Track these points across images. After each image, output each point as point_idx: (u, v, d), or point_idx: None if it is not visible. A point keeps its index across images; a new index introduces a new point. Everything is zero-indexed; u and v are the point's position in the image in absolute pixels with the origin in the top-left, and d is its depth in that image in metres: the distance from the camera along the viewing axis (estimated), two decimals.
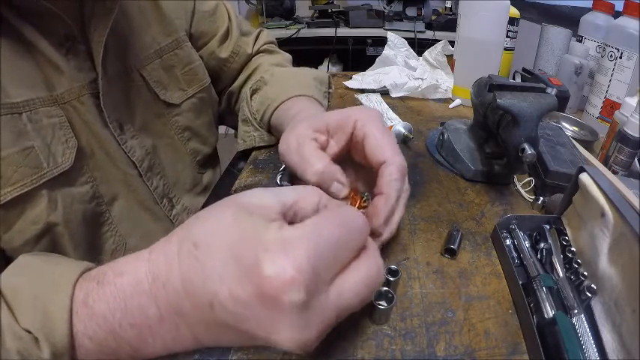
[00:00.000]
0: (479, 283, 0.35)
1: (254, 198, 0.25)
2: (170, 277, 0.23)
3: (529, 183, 0.48)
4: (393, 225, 0.33)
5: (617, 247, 0.29)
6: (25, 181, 0.33)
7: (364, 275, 0.24)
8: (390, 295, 0.30)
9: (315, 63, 2.01)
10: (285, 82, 0.54)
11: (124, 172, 0.43)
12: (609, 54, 0.65)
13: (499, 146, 0.46)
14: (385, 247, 0.38)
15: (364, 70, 0.85)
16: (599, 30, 0.76)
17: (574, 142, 0.54)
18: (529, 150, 0.39)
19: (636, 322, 0.25)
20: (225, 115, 0.66)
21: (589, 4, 0.79)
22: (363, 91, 0.78)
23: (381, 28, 1.90)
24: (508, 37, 0.79)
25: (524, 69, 0.83)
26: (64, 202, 0.36)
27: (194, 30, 0.56)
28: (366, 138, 0.33)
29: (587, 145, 0.58)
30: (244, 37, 0.63)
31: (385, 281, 0.32)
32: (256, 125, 0.54)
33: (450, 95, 0.77)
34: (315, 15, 2.03)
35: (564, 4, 1.24)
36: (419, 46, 1.32)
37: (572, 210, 0.36)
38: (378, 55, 0.85)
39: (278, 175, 0.46)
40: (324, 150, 0.35)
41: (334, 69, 2.00)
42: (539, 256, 0.35)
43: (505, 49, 0.76)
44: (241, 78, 0.63)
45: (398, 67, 0.82)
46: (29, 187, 0.34)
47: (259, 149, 0.55)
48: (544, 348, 0.27)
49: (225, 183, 0.57)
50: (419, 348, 0.29)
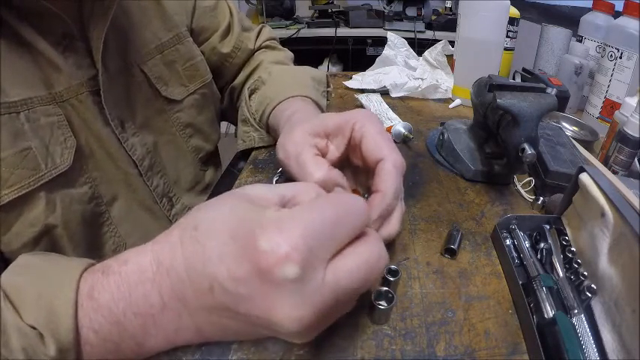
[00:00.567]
0: (479, 283, 0.35)
1: (253, 190, 0.26)
2: (174, 264, 0.24)
3: (529, 183, 0.48)
4: (395, 223, 0.33)
5: (617, 247, 0.29)
6: (23, 183, 0.33)
7: (364, 259, 0.24)
8: (390, 295, 0.30)
9: (315, 63, 2.01)
10: (283, 82, 0.54)
11: (124, 172, 0.43)
12: (609, 54, 0.65)
13: (499, 146, 0.46)
14: (385, 247, 0.38)
15: (364, 70, 0.85)
16: (599, 30, 0.76)
17: (574, 142, 0.54)
18: (529, 150, 0.39)
19: (636, 322, 0.25)
20: (228, 111, 0.66)
21: (589, 4, 0.79)
22: (363, 91, 0.78)
23: (381, 28, 1.90)
24: (508, 37, 0.79)
25: (524, 69, 0.83)
26: (62, 204, 0.36)
27: (195, 25, 0.56)
28: (364, 138, 0.34)
29: (587, 145, 0.58)
30: (246, 33, 0.63)
31: (385, 281, 0.32)
32: (256, 125, 0.54)
33: (450, 95, 0.77)
34: (315, 15, 2.03)
35: (564, 4, 1.24)
36: (419, 46, 1.32)
37: (572, 210, 0.36)
38: (378, 55, 0.85)
39: (274, 177, 0.46)
40: (324, 155, 0.35)
41: (334, 69, 2.00)
42: (539, 256, 0.35)
43: (505, 49, 0.76)
44: (243, 74, 0.63)
45: (398, 67, 0.82)
46: (27, 190, 0.33)
47: (259, 149, 0.55)
48: (544, 348, 0.27)
49: (225, 183, 0.57)
50: (419, 348, 0.29)
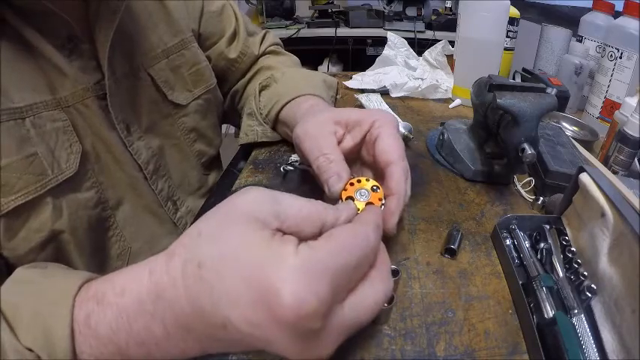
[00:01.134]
0: (479, 283, 0.35)
1: (253, 205, 0.23)
2: (176, 299, 0.22)
3: (529, 183, 0.48)
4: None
5: (617, 247, 0.29)
6: (30, 189, 0.33)
7: (380, 290, 0.24)
8: (390, 295, 0.30)
9: (315, 63, 2.01)
10: (296, 81, 0.54)
11: (129, 175, 0.43)
12: (609, 54, 0.65)
13: (499, 146, 0.46)
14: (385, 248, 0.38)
15: (364, 70, 0.85)
16: (599, 30, 0.76)
17: (574, 142, 0.54)
18: (529, 150, 0.39)
19: (636, 322, 0.25)
20: (229, 114, 0.67)
21: (589, 4, 0.79)
22: (363, 91, 0.78)
23: (381, 28, 1.90)
24: (508, 37, 0.79)
25: (524, 69, 0.83)
26: (69, 209, 0.36)
27: (202, 30, 0.56)
28: (379, 138, 0.35)
29: (587, 145, 0.58)
30: (251, 38, 0.63)
31: None
32: (261, 120, 0.54)
33: (450, 95, 0.77)
34: (315, 15, 2.02)
35: (564, 4, 1.24)
36: (419, 46, 1.32)
37: (572, 210, 0.36)
38: (378, 55, 0.85)
39: (282, 167, 0.47)
40: (339, 143, 0.36)
41: (334, 69, 2.00)
42: (539, 256, 0.35)
43: (505, 49, 0.76)
44: (246, 78, 0.63)
45: (398, 67, 0.82)
46: (34, 195, 0.33)
47: (260, 149, 0.55)
48: (544, 348, 0.27)
49: (225, 183, 0.57)
50: (419, 348, 0.29)
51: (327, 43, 1.89)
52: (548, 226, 0.37)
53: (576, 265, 0.32)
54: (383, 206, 0.32)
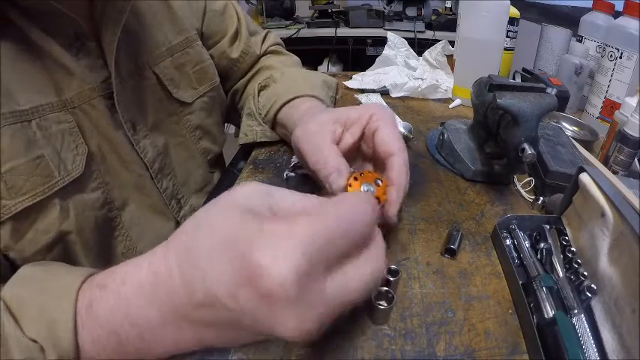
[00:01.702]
0: (479, 283, 0.35)
1: (244, 196, 0.25)
2: (171, 279, 0.23)
3: (529, 183, 0.48)
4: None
5: (617, 247, 0.29)
6: (37, 191, 0.33)
7: (370, 271, 0.24)
8: (390, 295, 0.30)
9: (315, 63, 2.01)
10: (295, 82, 0.54)
11: (135, 175, 0.43)
12: (609, 54, 0.65)
13: (499, 146, 0.46)
14: (385, 248, 0.38)
15: (364, 70, 0.85)
16: (599, 30, 0.76)
17: (574, 142, 0.54)
18: (529, 150, 0.39)
19: (636, 322, 0.25)
20: (229, 113, 0.67)
21: (589, 4, 0.79)
22: (363, 91, 0.78)
23: (381, 28, 1.90)
24: (508, 37, 0.79)
25: (524, 69, 0.83)
26: (76, 210, 0.36)
27: (205, 29, 0.57)
28: (378, 130, 0.35)
29: (587, 145, 0.58)
30: (253, 38, 0.63)
31: (385, 281, 0.32)
32: (260, 120, 0.55)
33: (450, 95, 0.77)
34: (315, 15, 2.02)
35: (564, 4, 1.24)
36: (419, 46, 1.32)
37: (572, 210, 0.36)
38: (378, 55, 0.85)
39: (286, 171, 0.47)
40: (338, 142, 0.37)
41: (334, 69, 2.00)
42: (539, 256, 0.35)
43: (505, 49, 0.76)
44: (246, 77, 0.63)
45: (398, 67, 0.82)
46: (41, 197, 0.33)
47: (260, 149, 0.55)
48: (544, 348, 0.27)
49: (225, 183, 0.57)
50: (419, 348, 0.29)
51: (327, 43, 1.89)
52: (548, 226, 0.37)
53: (576, 265, 0.32)
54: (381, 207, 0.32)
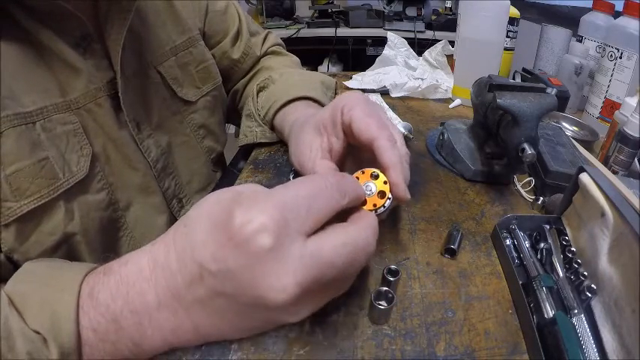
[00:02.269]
0: (479, 283, 0.35)
1: (242, 186, 0.26)
2: (167, 261, 0.25)
3: (529, 183, 0.48)
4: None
5: (617, 247, 0.29)
6: (42, 193, 0.33)
7: (351, 238, 0.25)
8: (390, 295, 0.30)
9: (315, 63, 2.01)
10: (292, 83, 0.54)
11: (139, 174, 0.43)
12: (609, 54, 0.65)
13: (499, 146, 0.46)
14: (385, 248, 0.38)
15: (364, 70, 0.85)
16: (599, 30, 0.76)
17: (574, 142, 0.54)
18: (529, 150, 0.39)
19: (636, 322, 0.25)
20: (230, 113, 0.67)
21: (589, 4, 0.79)
22: (363, 91, 0.78)
23: (381, 28, 1.90)
24: (508, 37, 0.79)
25: (524, 69, 0.83)
26: (80, 211, 0.36)
27: (207, 29, 0.57)
28: (352, 122, 0.34)
29: (587, 145, 0.58)
30: (253, 38, 0.64)
31: (385, 281, 0.32)
32: (259, 121, 0.55)
33: (450, 95, 0.77)
34: (315, 15, 2.02)
35: (564, 4, 1.24)
36: (419, 46, 1.32)
37: (572, 210, 0.36)
38: (378, 55, 0.85)
39: (291, 175, 0.48)
40: (331, 149, 0.37)
41: (334, 69, 2.00)
42: (539, 256, 0.35)
43: (505, 49, 0.76)
44: (246, 77, 0.64)
45: (398, 67, 0.82)
46: (46, 199, 0.33)
47: (260, 149, 0.55)
48: (544, 348, 0.27)
49: (225, 183, 0.57)
50: (419, 348, 0.29)
51: (327, 43, 1.89)
52: (548, 226, 0.37)
53: (576, 265, 0.32)
54: (389, 200, 0.31)
